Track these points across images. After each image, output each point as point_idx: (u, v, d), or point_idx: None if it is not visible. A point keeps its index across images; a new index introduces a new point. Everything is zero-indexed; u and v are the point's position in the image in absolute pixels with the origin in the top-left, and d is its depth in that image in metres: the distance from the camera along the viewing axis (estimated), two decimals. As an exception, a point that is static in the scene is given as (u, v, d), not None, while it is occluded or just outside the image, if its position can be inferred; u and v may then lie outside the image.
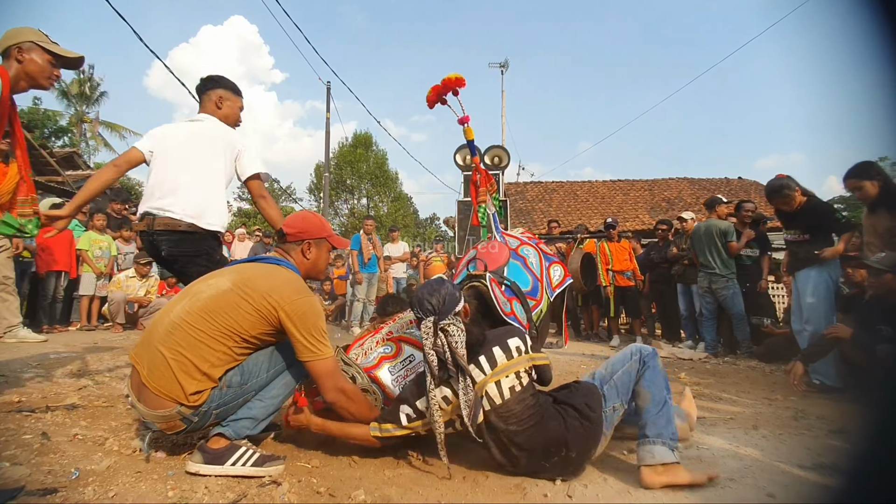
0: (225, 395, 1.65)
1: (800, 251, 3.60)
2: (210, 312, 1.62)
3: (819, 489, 1.65)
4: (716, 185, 16.52)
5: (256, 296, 1.63)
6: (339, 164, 25.40)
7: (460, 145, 8.85)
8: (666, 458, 1.59)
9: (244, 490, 1.55)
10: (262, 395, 1.73)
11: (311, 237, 1.89)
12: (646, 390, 1.68)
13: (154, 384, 1.58)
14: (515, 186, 18.17)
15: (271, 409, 1.76)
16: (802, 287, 3.51)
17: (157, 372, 1.59)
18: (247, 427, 1.71)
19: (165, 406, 1.58)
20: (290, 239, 1.90)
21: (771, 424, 2.49)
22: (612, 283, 6.43)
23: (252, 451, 1.69)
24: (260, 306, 1.63)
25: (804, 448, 2.09)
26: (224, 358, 1.63)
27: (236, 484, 1.59)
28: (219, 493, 1.51)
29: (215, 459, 1.64)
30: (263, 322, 1.65)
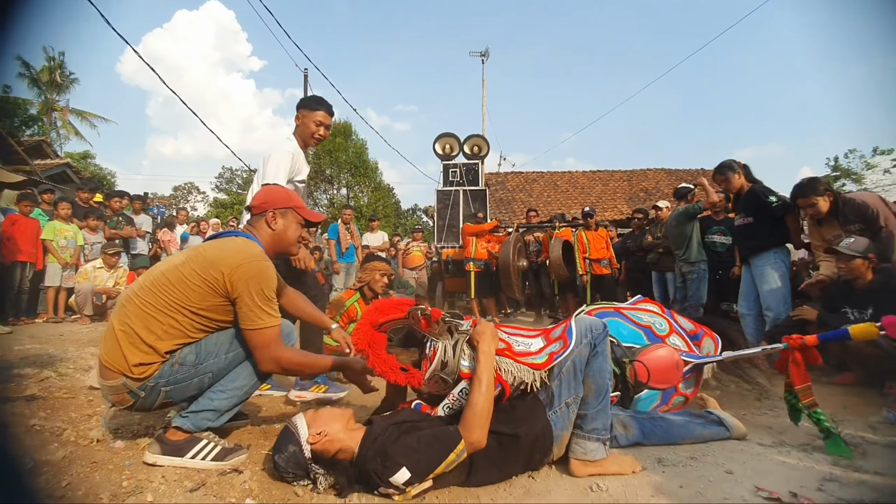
0: (176, 372, 1.60)
1: (744, 234, 3.71)
2: (160, 286, 1.59)
3: (777, 465, 1.70)
4: (692, 176, 16.76)
5: (206, 265, 1.59)
6: (318, 154, 24.98)
7: (440, 134, 8.81)
8: (598, 454, 1.61)
9: (203, 479, 1.51)
10: (225, 385, 1.68)
11: (274, 207, 1.83)
12: (591, 380, 1.65)
13: (104, 356, 1.56)
14: (496, 176, 18.17)
15: (235, 401, 1.71)
16: (758, 274, 3.60)
17: (107, 344, 1.57)
18: (208, 419, 1.66)
19: (113, 377, 1.55)
20: (255, 212, 1.86)
21: (735, 405, 2.56)
22: (589, 272, 6.52)
23: (214, 445, 1.64)
24: (207, 275, 1.58)
25: (766, 427, 2.15)
26: (172, 332, 1.58)
27: (195, 473, 1.55)
28: (176, 483, 1.48)
29: (174, 451, 1.60)
30: (212, 293, 1.59)
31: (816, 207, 3.22)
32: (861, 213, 3.09)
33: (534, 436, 1.59)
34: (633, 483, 1.54)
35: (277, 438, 1.57)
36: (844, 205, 3.17)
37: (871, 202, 3.10)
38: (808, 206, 3.26)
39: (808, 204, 3.26)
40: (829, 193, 3.23)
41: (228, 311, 1.65)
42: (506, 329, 1.84)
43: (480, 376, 1.53)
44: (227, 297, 1.60)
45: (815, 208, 3.23)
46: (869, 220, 3.05)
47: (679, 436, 1.92)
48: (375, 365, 1.66)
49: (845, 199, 3.20)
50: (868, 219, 3.06)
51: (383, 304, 1.83)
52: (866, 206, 3.07)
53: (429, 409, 1.67)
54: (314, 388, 2.68)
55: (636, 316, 2.46)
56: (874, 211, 3.04)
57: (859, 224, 3.11)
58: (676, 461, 1.73)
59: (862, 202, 3.11)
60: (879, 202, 3.12)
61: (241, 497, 1.42)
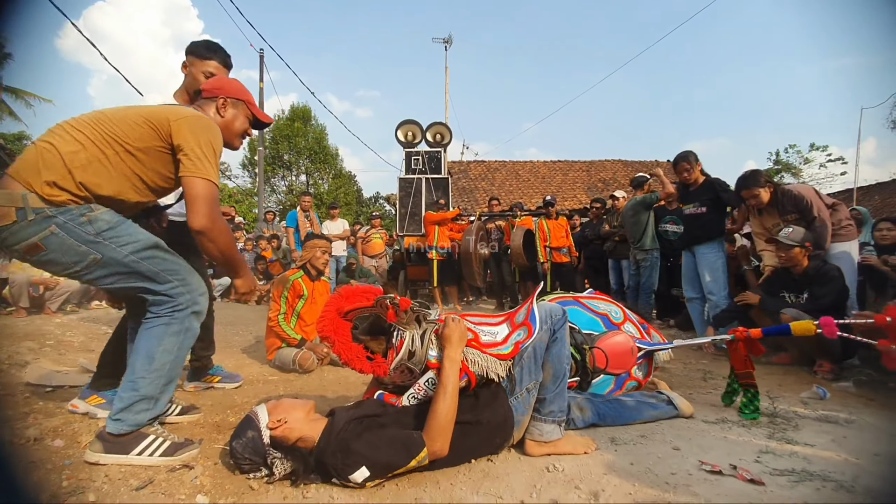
0: (79, 224, 1.44)
1: (696, 224, 3.90)
2: (98, 120, 1.50)
3: (719, 440, 1.80)
4: (647, 167, 17.40)
5: (153, 111, 1.52)
6: (276, 139, 24.14)
7: (402, 121, 8.68)
8: (553, 436, 1.67)
9: (150, 476, 1.44)
10: (144, 368, 1.54)
11: (227, 94, 1.79)
12: (550, 365, 1.68)
13: (14, 168, 1.44)
14: (459, 165, 18.17)
15: (164, 380, 1.58)
16: (703, 261, 3.82)
17: (24, 157, 1.45)
18: (145, 410, 1.56)
19: (14, 187, 1.40)
20: (206, 95, 1.80)
21: (683, 385, 2.70)
22: (549, 260, 6.66)
23: (162, 440, 1.57)
24: (152, 116, 1.50)
25: (710, 405, 2.28)
26: (97, 165, 1.46)
27: (142, 470, 1.48)
28: (120, 482, 1.40)
29: (119, 448, 1.51)
30: (154, 135, 1.51)
31: (758, 198, 3.45)
32: (797, 204, 3.31)
33: (496, 422, 1.61)
34: (587, 462, 1.60)
35: (237, 426, 1.54)
36: (783, 196, 3.40)
37: (806, 194, 3.32)
38: (751, 196, 3.48)
39: (751, 195, 3.47)
40: (770, 185, 3.46)
41: (165, 165, 1.56)
42: (471, 319, 1.85)
43: (445, 383, 1.51)
44: (168, 144, 1.51)
45: (757, 199, 3.46)
46: (804, 210, 3.28)
47: (631, 416, 2.00)
48: (341, 353, 1.63)
49: (783, 191, 3.43)
50: (803, 209, 3.28)
51: (349, 291, 1.79)
52: (802, 197, 3.30)
53: (393, 399, 1.66)
54: (207, 379, 2.64)
55: (593, 304, 2.54)
56: (808, 202, 3.26)
57: (795, 214, 3.34)
58: (628, 440, 1.80)
59: (798, 193, 3.34)
60: (813, 194, 3.35)
61: (191, 493, 1.37)
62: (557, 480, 1.48)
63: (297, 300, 3.40)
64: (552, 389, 1.68)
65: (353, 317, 1.73)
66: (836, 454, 1.64)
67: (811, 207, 3.25)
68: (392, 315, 1.65)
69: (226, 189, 24.84)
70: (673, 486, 1.41)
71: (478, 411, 1.60)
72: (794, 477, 1.45)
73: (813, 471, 1.49)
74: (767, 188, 3.44)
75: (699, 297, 3.97)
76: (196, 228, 1.52)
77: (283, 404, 1.57)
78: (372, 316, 1.74)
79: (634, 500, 1.33)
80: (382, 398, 1.68)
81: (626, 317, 2.51)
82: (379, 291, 1.78)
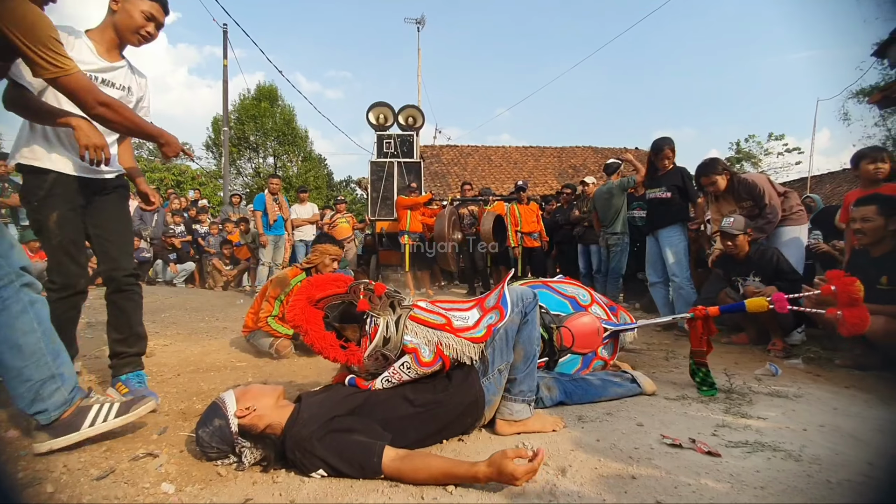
0: None
1: (661, 208, 4.01)
2: None
3: (679, 416, 1.88)
4: (616, 154, 17.71)
5: None
6: (241, 119, 23.26)
7: (374, 103, 8.52)
8: (523, 414, 1.71)
9: (112, 465, 1.40)
10: (18, 359, 1.39)
11: None
12: (521, 346, 1.71)
13: None
14: (431, 149, 18.03)
15: (49, 356, 1.44)
16: (667, 244, 3.94)
17: None
18: (55, 389, 1.43)
19: None
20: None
21: (647, 365, 2.80)
22: (521, 244, 6.74)
23: (110, 404, 1.51)
24: None
25: (671, 383, 2.38)
26: None
27: (103, 459, 1.43)
28: (80, 472, 1.36)
29: (67, 429, 1.45)
30: None
31: (716, 185, 3.63)
32: (750, 191, 3.50)
33: (467, 402, 1.63)
34: (555, 439, 1.65)
35: (203, 413, 1.50)
36: (738, 184, 3.59)
37: (759, 182, 3.51)
38: (709, 183, 3.66)
39: (709, 182, 3.65)
40: (727, 172, 3.64)
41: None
42: (442, 304, 1.86)
43: (454, 475, 1.32)
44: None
45: (714, 186, 3.64)
46: (756, 197, 3.47)
47: (597, 394, 2.07)
48: (314, 342, 1.60)
49: (739, 179, 3.61)
50: (756, 196, 3.47)
51: (319, 279, 1.76)
52: (755, 185, 3.48)
53: (364, 383, 1.65)
54: (118, 387, 2.13)
55: (561, 288, 2.60)
56: (761, 189, 3.45)
57: (749, 200, 3.51)
58: (595, 417, 1.86)
59: (752, 182, 3.52)
60: (766, 182, 3.54)
61: (156, 482, 1.33)
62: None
63: None
64: (522, 370, 1.71)
65: (324, 305, 1.70)
66: (786, 426, 1.74)
67: (763, 195, 3.43)
68: (365, 303, 1.64)
69: (189, 171, 23.88)
70: (636, 459, 1.47)
71: (450, 392, 1.62)
72: (747, 448, 1.54)
73: (765, 442, 1.58)
74: (724, 175, 3.61)
75: (661, 280, 4.10)
76: (93, 114, 1.58)
77: (251, 391, 1.54)
78: (343, 303, 1.72)
79: (600, 473, 1.38)
80: (354, 382, 1.67)
81: (593, 299, 2.57)
82: (348, 279, 1.76)
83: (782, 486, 1.28)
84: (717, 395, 2.15)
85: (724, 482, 1.31)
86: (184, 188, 20.27)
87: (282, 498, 1.26)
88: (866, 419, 1.82)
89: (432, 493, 1.27)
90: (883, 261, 2.61)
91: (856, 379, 2.48)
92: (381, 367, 1.64)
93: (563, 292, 2.55)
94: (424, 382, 1.63)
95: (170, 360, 2.87)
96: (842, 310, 2.01)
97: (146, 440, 1.63)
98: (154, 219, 7.86)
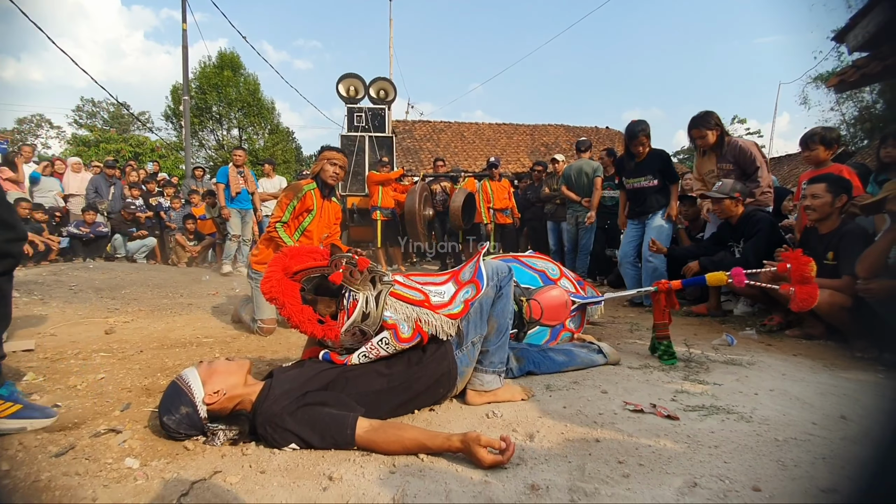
0: None
1: (651, 196, 3.95)
2: None
3: (642, 383, 1.96)
4: (587, 133, 17.92)
5: None
6: (203, 88, 22.12)
7: (344, 74, 8.24)
8: (493, 385, 1.75)
9: (72, 442, 1.36)
10: None
11: None
12: (494, 319, 1.74)
13: None
14: (403, 124, 17.71)
15: None
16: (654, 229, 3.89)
17: None
18: None
19: None
20: None
21: (612, 337, 2.90)
22: (493, 221, 6.77)
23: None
24: None
25: (635, 354, 2.47)
26: None
27: (61, 437, 1.39)
28: (37, 449, 1.31)
29: None
30: None
31: (706, 139, 3.60)
32: (740, 155, 3.49)
33: (440, 373, 1.65)
34: (524, 408, 1.69)
35: (164, 397, 1.43)
36: (728, 145, 3.57)
37: (751, 148, 3.52)
38: (700, 136, 3.62)
39: (700, 135, 3.62)
40: (718, 128, 3.60)
41: None
42: (417, 279, 1.85)
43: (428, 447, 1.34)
44: None
45: (704, 140, 3.61)
46: (747, 163, 3.48)
47: (564, 364, 2.13)
48: (291, 316, 1.55)
49: (730, 140, 3.59)
50: (747, 161, 3.47)
51: (294, 251, 1.71)
52: (747, 150, 3.49)
53: (340, 358, 1.63)
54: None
55: (531, 262, 2.63)
56: (751, 155, 3.47)
57: (731, 164, 3.53)
58: (562, 386, 1.92)
59: (744, 146, 3.52)
60: (757, 150, 3.55)
61: (119, 457, 1.30)
62: (496, 425, 1.56)
63: (304, 215, 3.09)
64: (495, 342, 1.74)
65: (301, 277, 1.66)
66: (739, 391, 1.85)
67: (754, 160, 3.46)
68: (346, 276, 1.60)
69: (147, 142, 22.68)
70: (600, 424, 1.53)
71: (424, 364, 1.63)
72: (703, 412, 1.62)
73: (719, 406, 1.67)
74: (715, 131, 3.58)
75: (633, 261, 4.11)
76: None
77: (217, 369, 1.48)
78: (318, 277, 1.68)
79: (566, 438, 1.43)
80: (329, 357, 1.64)
81: (562, 273, 2.63)
82: (325, 252, 1.72)
83: (734, 445, 1.36)
84: (676, 363, 2.25)
85: (682, 443, 1.38)
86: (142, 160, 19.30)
87: (252, 470, 1.25)
88: (811, 384, 1.95)
89: (404, 461, 1.29)
90: (829, 238, 2.75)
91: (803, 347, 2.64)
92: (358, 343, 1.62)
93: (533, 266, 2.59)
94: (398, 355, 1.63)
95: (132, 337, 2.78)
96: (795, 286, 2.11)
97: (108, 417, 1.58)
98: (111, 191, 7.46)
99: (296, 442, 1.36)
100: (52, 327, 2.94)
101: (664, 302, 2.35)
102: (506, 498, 1.10)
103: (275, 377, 1.52)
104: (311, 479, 1.20)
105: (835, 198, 2.71)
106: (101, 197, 7.31)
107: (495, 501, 1.09)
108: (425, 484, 1.17)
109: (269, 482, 1.19)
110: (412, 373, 1.60)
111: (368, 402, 1.50)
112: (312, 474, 1.23)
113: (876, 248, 2.33)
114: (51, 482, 1.15)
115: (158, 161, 15.17)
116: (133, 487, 1.15)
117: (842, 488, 1.12)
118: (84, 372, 2.05)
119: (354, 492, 1.13)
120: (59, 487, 1.13)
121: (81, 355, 2.33)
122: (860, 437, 1.41)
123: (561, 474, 1.21)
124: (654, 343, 2.38)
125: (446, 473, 1.23)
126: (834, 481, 1.14)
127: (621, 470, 1.23)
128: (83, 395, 1.77)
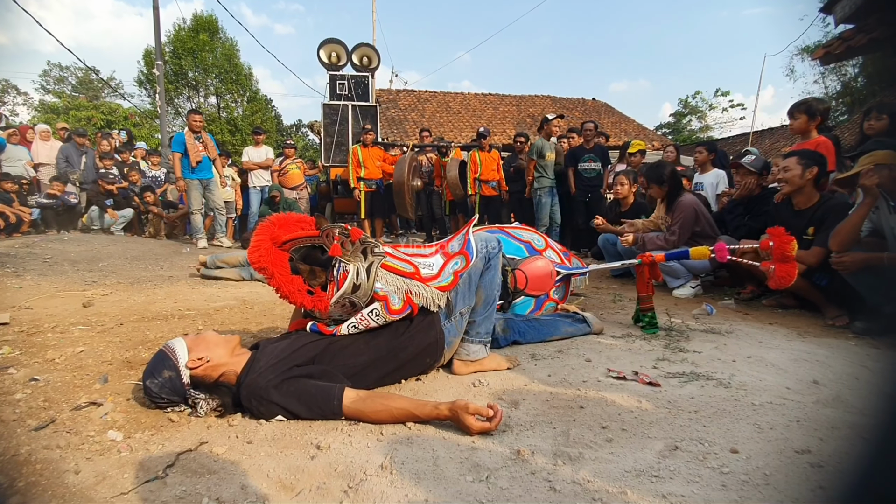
0: None
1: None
2: None
3: (624, 352, 2.00)
4: (574, 104, 17.77)
5: None
6: (178, 53, 21.12)
7: (325, 39, 7.94)
8: (479, 355, 1.77)
9: (52, 416, 1.33)
10: None
11: None
12: (483, 291, 1.74)
13: None
14: (388, 94, 17.28)
15: None
16: None
17: None
18: None
19: None
20: None
21: (595, 307, 2.94)
22: (479, 193, 6.73)
23: None
24: None
25: (618, 323, 2.52)
26: None
27: (41, 410, 1.36)
28: (16, 423, 1.28)
29: None
30: None
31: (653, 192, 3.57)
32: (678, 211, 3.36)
33: (427, 343, 1.65)
34: (510, 376, 1.71)
35: (150, 362, 1.43)
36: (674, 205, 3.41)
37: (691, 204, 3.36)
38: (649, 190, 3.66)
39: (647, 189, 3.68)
40: (667, 185, 3.46)
41: None
42: (404, 251, 1.82)
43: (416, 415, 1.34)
44: None
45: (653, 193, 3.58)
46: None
47: (549, 334, 2.16)
48: (280, 286, 1.52)
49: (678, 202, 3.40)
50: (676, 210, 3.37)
51: (283, 219, 1.66)
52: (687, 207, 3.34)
53: (328, 329, 1.61)
54: None
55: (517, 233, 2.63)
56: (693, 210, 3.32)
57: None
58: (546, 355, 1.95)
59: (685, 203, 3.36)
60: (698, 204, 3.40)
61: (102, 430, 1.28)
62: (483, 394, 1.58)
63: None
64: (482, 313, 1.75)
65: (290, 247, 1.62)
66: (718, 358, 1.90)
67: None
68: (337, 248, 1.57)
69: (120, 110, 21.74)
70: (584, 391, 1.56)
71: (411, 335, 1.63)
72: (683, 378, 1.67)
73: (699, 372, 1.72)
74: (664, 187, 3.47)
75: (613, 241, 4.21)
76: None
77: (205, 339, 1.47)
78: (305, 247, 1.64)
79: (551, 405, 1.46)
80: (317, 328, 1.62)
81: (547, 244, 2.63)
82: (311, 220, 1.68)
83: (713, 409, 1.40)
84: (658, 333, 2.30)
85: (663, 408, 1.42)
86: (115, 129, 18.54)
87: (238, 440, 1.25)
88: (786, 350, 2.01)
89: (392, 430, 1.30)
90: (810, 213, 2.75)
91: (779, 316, 2.72)
92: (347, 314, 1.61)
93: (518, 237, 2.59)
94: (386, 325, 1.63)
95: (111, 310, 2.72)
96: (774, 264, 2.15)
97: (88, 390, 1.55)
98: (83, 161, 7.18)
99: (282, 414, 1.36)
100: (28, 300, 2.86)
101: (647, 274, 2.38)
102: (492, 463, 1.12)
103: (261, 349, 1.50)
104: (298, 448, 1.21)
105: (805, 170, 2.72)
106: (72, 167, 7.03)
107: (482, 466, 1.11)
108: (413, 451, 1.18)
109: (256, 452, 1.19)
110: (399, 342, 1.60)
111: (356, 373, 1.50)
112: (300, 443, 1.23)
113: (849, 223, 2.37)
114: (31, 456, 1.13)
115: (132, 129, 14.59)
116: (117, 460, 1.14)
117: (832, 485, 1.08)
118: (62, 345, 2.00)
119: (343, 460, 1.14)
120: (39, 461, 1.11)
121: (59, 328, 2.27)
122: (831, 400, 1.47)
123: (546, 440, 1.24)
124: (637, 314, 2.42)
125: (434, 440, 1.24)
126: (807, 442, 1.19)
127: (605, 435, 1.26)
128: (62, 369, 1.73)
